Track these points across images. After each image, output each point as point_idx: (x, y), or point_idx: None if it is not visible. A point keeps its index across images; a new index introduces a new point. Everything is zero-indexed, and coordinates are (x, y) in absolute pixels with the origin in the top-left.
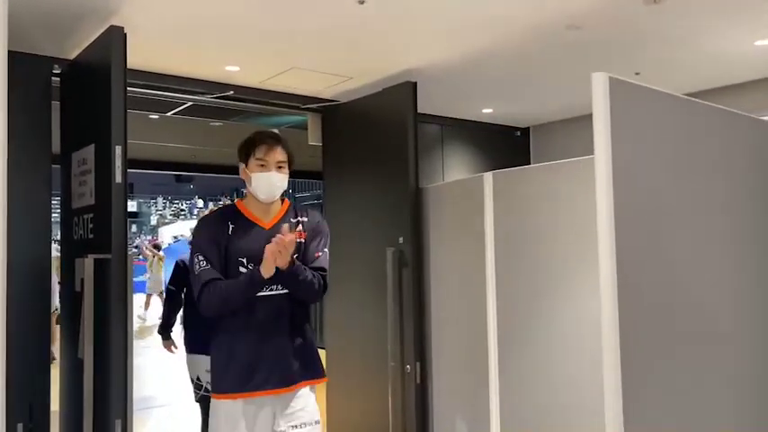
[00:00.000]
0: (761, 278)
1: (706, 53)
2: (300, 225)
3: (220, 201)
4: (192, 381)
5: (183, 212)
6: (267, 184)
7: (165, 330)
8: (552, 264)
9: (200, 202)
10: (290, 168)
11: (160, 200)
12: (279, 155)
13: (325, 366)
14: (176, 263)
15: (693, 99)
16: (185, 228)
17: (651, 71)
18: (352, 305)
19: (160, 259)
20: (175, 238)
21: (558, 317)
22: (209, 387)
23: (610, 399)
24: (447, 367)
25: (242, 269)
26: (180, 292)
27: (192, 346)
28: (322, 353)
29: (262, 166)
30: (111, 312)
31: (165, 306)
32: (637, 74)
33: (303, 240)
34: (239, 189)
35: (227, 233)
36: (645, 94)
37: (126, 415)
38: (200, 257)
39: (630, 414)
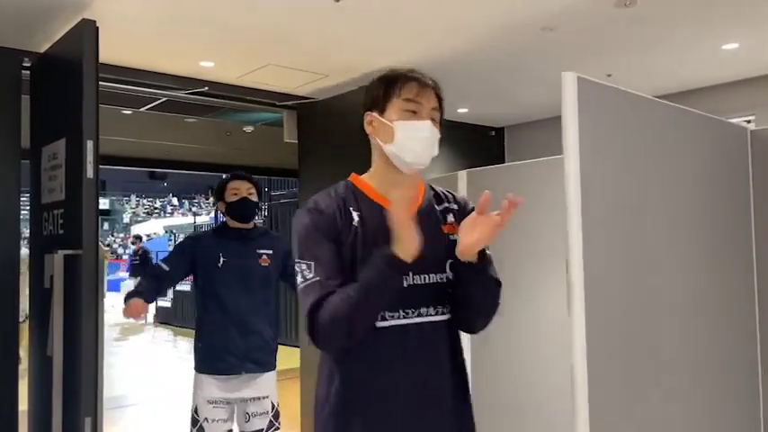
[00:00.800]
0: (728, 276)
1: (675, 56)
2: (452, 215)
3: (195, 199)
4: (191, 411)
5: (156, 210)
6: (421, 139)
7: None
8: (525, 260)
9: (175, 200)
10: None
11: (133, 197)
12: (433, 100)
13: (300, 362)
14: (184, 240)
15: (662, 101)
16: (159, 226)
17: (623, 73)
18: None
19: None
20: (149, 236)
21: (530, 313)
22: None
23: (578, 399)
24: None
25: None
26: (170, 280)
27: (202, 364)
28: (296, 350)
29: (412, 112)
30: (81, 309)
31: (143, 281)
32: (609, 75)
33: (456, 237)
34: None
35: (350, 225)
36: (614, 94)
37: (96, 413)
38: (306, 264)
39: (596, 413)
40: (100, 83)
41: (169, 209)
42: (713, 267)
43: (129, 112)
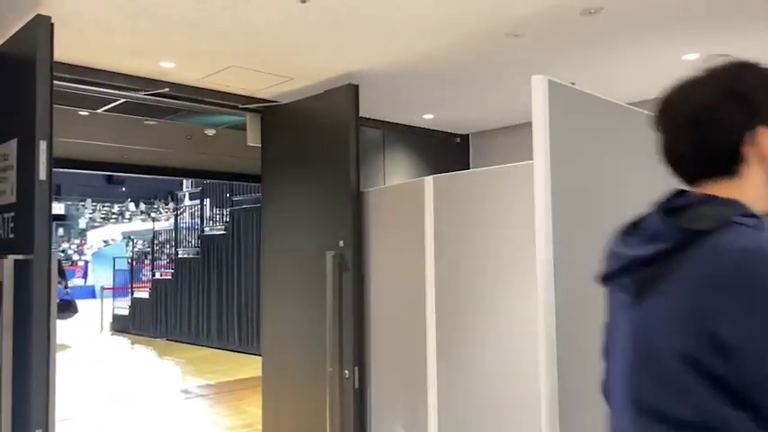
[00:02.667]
0: None
1: (638, 65)
2: None
3: (154, 204)
4: None
5: (114, 215)
6: None
7: None
8: (490, 266)
9: (132, 206)
10: None
11: (89, 202)
12: None
13: (261, 372)
14: None
15: (630, 107)
16: (116, 231)
17: (586, 81)
18: (291, 309)
19: None
20: (105, 242)
21: (496, 319)
22: None
23: (546, 400)
24: (386, 372)
25: None
26: None
27: None
28: (257, 359)
29: None
30: (32, 316)
31: None
32: (572, 84)
33: None
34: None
35: None
36: (583, 99)
37: (48, 424)
38: None
39: (566, 416)
40: (55, 82)
41: (127, 214)
42: None
43: (86, 113)
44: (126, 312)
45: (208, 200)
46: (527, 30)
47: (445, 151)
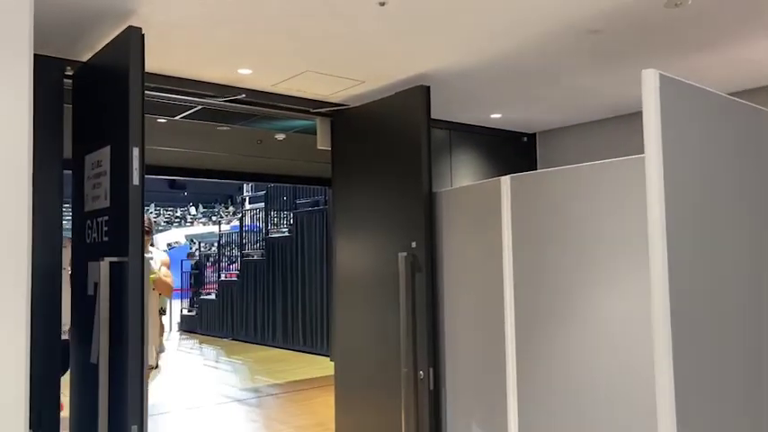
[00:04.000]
0: None
1: (727, 57)
2: None
3: (214, 207)
4: None
5: (177, 219)
6: None
7: None
8: (570, 266)
9: (193, 209)
10: None
11: (153, 206)
12: None
13: (334, 373)
14: None
15: (740, 100)
16: (180, 235)
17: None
18: (363, 310)
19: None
20: (170, 245)
21: (578, 320)
22: None
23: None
24: (462, 373)
25: None
26: None
27: None
28: (324, 359)
29: None
30: (127, 315)
31: None
32: None
33: None
34: (233, 197)
35: None
36: (695, 93)
37: (142, 420)
38: None
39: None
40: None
41: (189, 218)
42: None
43: (164, 120)
44: (193, 313)
45: (271, 203)
46: (608, 25)
47: (512, 151)
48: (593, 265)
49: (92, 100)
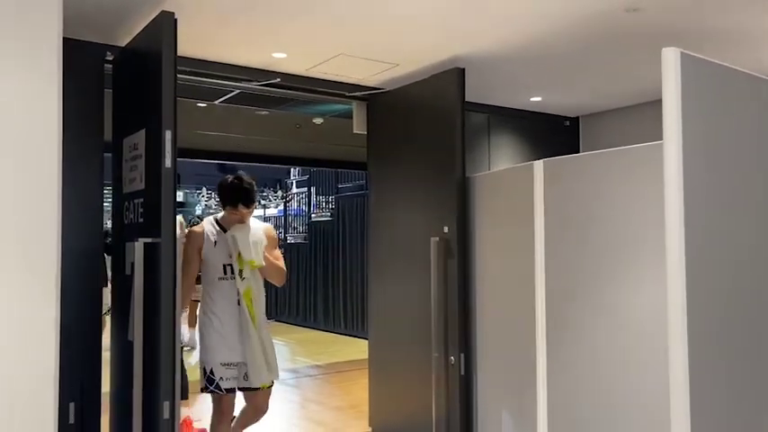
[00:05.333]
0: None
1: None
2: None
3: (263, 192)
4: None
5: None
6: None
7: None
8: (604, 253)
9: None
10: None
11: (204, 190)
12: None
13: (368, 355)
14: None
15: None
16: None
17: (716, 55)
18: (397, 294)
19: None
20: None
21: (610, 308)
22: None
23: (676, 393)
24: (493, 359)
25: None
26: None
27: None
28: (364, 342)
29: None
30: (160, 295)
31: None
32: None
33: None
34: (281, 180)
35: None
36: (719, 71)
37: (174, 397)
38: None
39: (697, 411)
40: (177, 75)
41: None
42: None
43: (204, 104)
44: None
45: (314, 188)
46: (646, 3)
47: (554, 135)
48: (626, 252)
49: (129, 84)
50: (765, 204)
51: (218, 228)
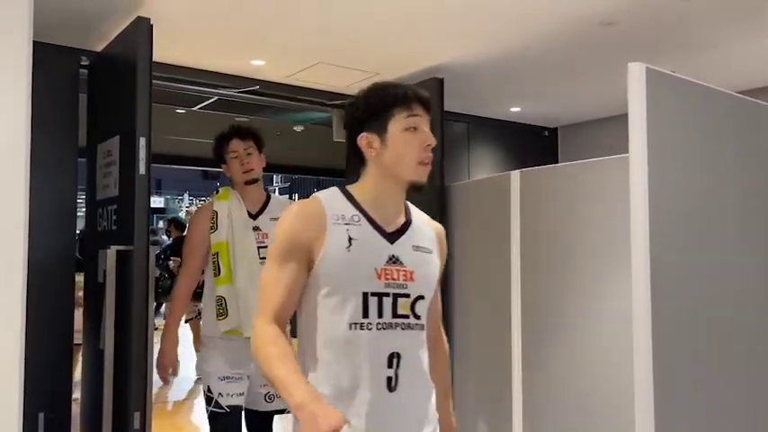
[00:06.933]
0: None
1: (746, 51)
2: None
3: None
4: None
5: None
6: None
7: None
8: (579, 264)
9: None
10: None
11: (186, 196)
12: None
13: None
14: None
15: (736, 94)
16: None
17: (690, 70)
18: None
19: None
20: None
21: (585, 319)
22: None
23: (641, 403)
24: (469, 367)
25: None
26: None
27: None
28: None
29: None
30: (132, 304)
31: None
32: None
33: None
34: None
35: None
36: (685, 87)
37: (145, 407)
38: None
39: (661, 421)
40: (154, 81)
41: None
42: None
43: (183, 111)
44: None
45: (296, 195)
46: (622, 17)
47: (533, 145)
48: (599, 263)
49: (103, 89)
50: (736, 218)
51: None
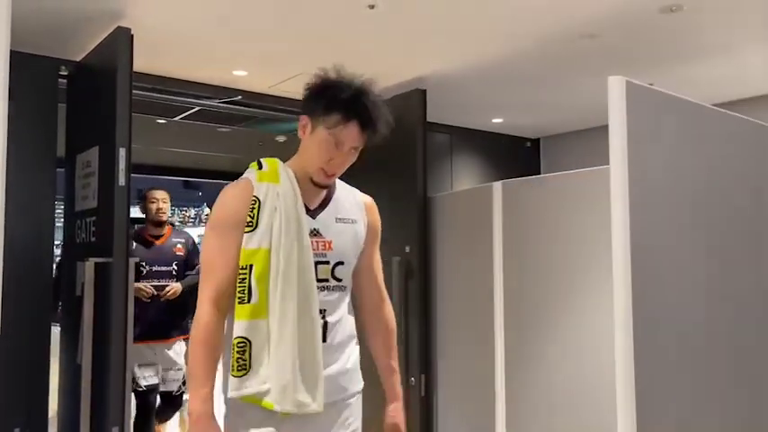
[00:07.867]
0: None
1: (724, 65)
2: None
3: None
4: None
5: (191, 219)
6: None
7: None
8: (562, 275)
9: (207, 210)
10: None
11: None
12: None
13: None
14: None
15: (718, 108)
16: (194, 234)
17: (666, 83)
18: None
19: None
20: None
21: (568, 329)
22: None
23: (623, 414)
24: (453, 380)
25: None
26: None
27: None
28: None
29: None
30: (111, 317)
31: None
32: (650, 85)
33: None
34: None
35: None
36: (662, 100)
37: (123, 422)
38: None
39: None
40: (134, 91)
41: (203, 217)
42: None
43: (164, 121)
44: None
45: None
46: (602, 30)
47: (515, 156)
48: (581, 273)
49: (83, 99)
50: (716, 229)
51: None
